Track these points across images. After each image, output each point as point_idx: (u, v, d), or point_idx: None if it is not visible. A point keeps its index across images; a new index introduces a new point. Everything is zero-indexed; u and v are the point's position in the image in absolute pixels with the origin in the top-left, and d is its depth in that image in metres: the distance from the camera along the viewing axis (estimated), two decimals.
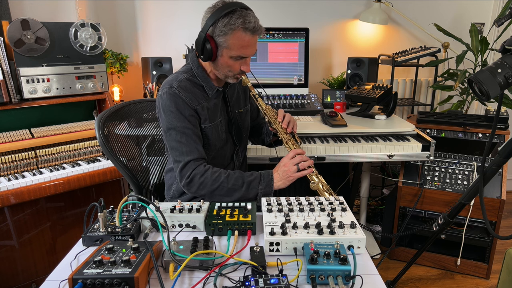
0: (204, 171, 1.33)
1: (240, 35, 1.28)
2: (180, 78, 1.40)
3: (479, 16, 2.97)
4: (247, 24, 1.26)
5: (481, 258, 2.28)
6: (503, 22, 1.18)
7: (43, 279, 0.89)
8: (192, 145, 1.35)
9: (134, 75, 2.75)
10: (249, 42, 1.31)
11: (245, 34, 1.28)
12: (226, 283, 0.86)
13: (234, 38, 1.28)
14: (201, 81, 1.42)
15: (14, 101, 1.87)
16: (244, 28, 1.27)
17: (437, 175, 2.28)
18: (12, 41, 1.83)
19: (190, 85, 1.40)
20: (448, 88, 2.60)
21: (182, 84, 1.38)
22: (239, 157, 1.59)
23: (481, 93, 1.13)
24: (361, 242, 0.97)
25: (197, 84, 1.42)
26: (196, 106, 1.38)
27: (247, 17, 1.27)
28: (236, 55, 1.32)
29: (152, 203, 1.03)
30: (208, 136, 1.43)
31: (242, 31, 1.27)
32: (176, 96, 1.35)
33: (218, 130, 1.46)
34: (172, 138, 1.36)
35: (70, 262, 0.96)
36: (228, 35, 1.28)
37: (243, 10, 1.28)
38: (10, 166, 1.86)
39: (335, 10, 2.88)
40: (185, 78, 1.40)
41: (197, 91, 1.40)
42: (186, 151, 1.35)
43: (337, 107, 2.52)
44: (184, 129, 1.35)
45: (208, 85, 1.43)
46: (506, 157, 1.42)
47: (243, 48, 1.31)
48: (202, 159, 1.37)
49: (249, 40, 1.30)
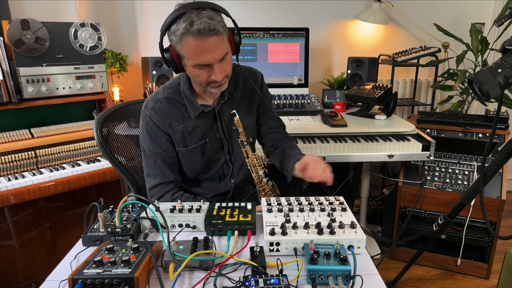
0: (171, 201, 1.32)
1: (188, 41, 1.10)
2: (158, 97, 1.31)
3: (479, 16, 2.97)
4: (193, 26, 1.07)
5: (481, 258, 2.28)
6: (503, 22, 1.18)
7: (43, 279, 0.89)
8: (159, 169, 1.34)
9: (134, 75, 2.75)
10: (203, 47, 1.10)
11: (194, 39, 1.09)
12: (226, 283, 0.85)
13: (185, 46, 1.12)
14: (184, 100, 1.31)
15: (14, 101, 1.87)
16: (191, 33, 1.08)
17: (437, 175, 2.28)
18: (12, 41, 1.83)
19: (168, 106, 1.30)
20: (448, 88, 2.60)
21: (157, 105, 1.30)
22: (235, 177, 1.45)
23: (481, 93, 1.13)
24: (361, 242, 0.97)
25: (178, 103, 1.31)
26: (169, 130, 1.31)
27: (193, 19, 1.07)
28: (195, 63, 1.15)
29: (152, 203, 1.03)
30: (185, 158, 1.37)
31: (190, 36, 1.09)
32: (148, 118, 1.31)
33: (198, 152, 1.36)
34: (143, 157, 1.37)
35: (70, 262, 0.96)
36: (180, 44, 1.12)
37: (192, 11, 1.08)
38: (10, 166, 1.86)
39: (335, 10, 2.87)
40: (164, 98, 1.31)
41: (175, 112, 1.30)
42: (153, 173, 1.35)
43: (337, 107, 2.52)
44: (151, 153, 1.34)
45: (192, 105, 1.30)
46: (506, 157, 1.42)
47: (198, 55, 1.12)
48: (171, 183, 1.36)
49: (202, 44, 1.10)
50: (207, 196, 1.47)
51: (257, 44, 2.49)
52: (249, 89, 1.41)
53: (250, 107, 1.43)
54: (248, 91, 1.42)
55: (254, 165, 1.38)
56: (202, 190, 1.47)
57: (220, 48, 1.14)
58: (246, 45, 2.49)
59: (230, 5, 2.74)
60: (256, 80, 1.42)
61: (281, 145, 1.52)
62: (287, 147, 1.50)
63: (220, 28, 1.12)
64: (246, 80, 1.40)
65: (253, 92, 1.42)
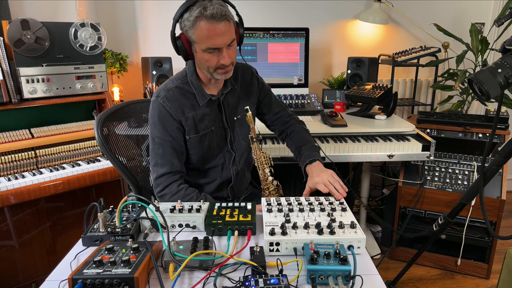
0: (176, 191, 1.34)
1: (202, 25, 1.20)
2: (169, 86, 1.38)
3: (479, 16, 2.97)
4: (207, 11, 1.18)
5: (481, 258, 2.28)
6: (503, 22, 1.18)
7: (43, 279, 0.89)
8: (167, 157, 1.36)
9: (134, 75, 2.75)
10: (215, 31, 1.21)
11: (207, 23, 1.20)
12: (226, 283, 0.85)
13: (198, 30, 1.22)
14: (193, 88, 1.39)
15: (14, 101, 1.87)
16: (204, 17, 1.19)
17: (437, 175, 2.28)
18: (12, 41, 1.83)
19: (178, 94, 1.37)
20: (448, 88, 2.60)
21: (169, 94, 1.36)
22: (236, 164, 1.52)
23: (481, 93, 1.13)
24: (361, 242, 0.97)
25: (188, 92, 1.39)
26: (181, 117, 1.37)
27: (206, 5, 1.19)
28: (206, 47, 1.24)
29: (152, 203, 1.03)
30: (194, 146, 1.42)
31: (204, 20, 1.20)
32: (161, 106, 1.36)
33: (206, 139, 1.43)
34: (151, 147, 1.39)
35: (70, 262, 0.96)
36: (193, 28, 1.22)
37: (205, 0, 1.20)
38: (10, 166, 1.86)
39: (335, 10, 2.87)
40: (175, 86, 1.38)
41: (185, 100, 1.38)
42: (161, 163, 1.37)
43: (337, 107, 2.52)
44: (162, 141, 1.36)
45: (200, 93, 1.39)
46: (506, 157, 1.42)
47: (210, 38, 1.22)
48: (177, 173, 1.37)
49: (214, 28, 1.21)
50: (211, 186, 1.51)
51: (257, 44, 2.49)
52: (246, 81, 1.51)
53: (249, 98, 1.52)
54: (246, 84, 1.51)
55: (261, 162, 1.42)
56: (206, 179, 1.51)
57: (229, 33, 1.25)
58: (246, 45, 2.49)
59: None
60: (252, 72, 1.54)
61: (290, 131, 1.60)
62: (296, 137, 1.56)
63: (230, 14, 1.24)
64: (244, 73, 1.51)
65: (250, 85, 1.52)
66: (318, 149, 1.51)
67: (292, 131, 1.59)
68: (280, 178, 1.50)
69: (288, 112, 1.62)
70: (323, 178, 1.29)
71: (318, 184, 1.29)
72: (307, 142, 1.52)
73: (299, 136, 1.56)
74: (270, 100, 1.59)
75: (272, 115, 1.61)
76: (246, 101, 1.51)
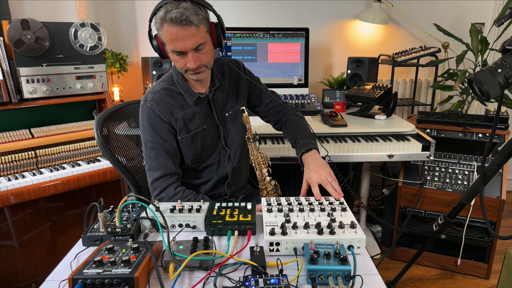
0: (173, 194, 1.34)
1: (165, 28, 1.20)
2: (155, 89, 1.38)
3: (479, 16, 2.97)
4: (169, 14, 1.16)
5: (481, 258, 2.28)
6: (503, 22, 1.18)
7: (43, 279, 0.89)
8: (161, 160, 1.36)
9: (134, 75, 2.75)
10: (176, 35, 1.18)
11: (170, 26, 1.18)
12: (226, 283, 0.85)
13: (164, 32, 1.21)
14: (180, 89, 1.38)
15: (14, 101, 1.87)
16: (165, 20, 1.18)
17: (437, 175, 2.28)
18: (12, 41, 1.83)
19: (166, 96, 1.37)
20: (448, 88, 2.60)
21: (156, 96, 1.36)
22: (231, 161, 1.51)
23: (481, 93, 1.13)
24: (361, 242, 0.97)
25: (175, 93, 1.38)
26: (170, 118, 1.36)
27: (170, 8, 1.16)
28: (171, 50, 1.25)
29: (152, 203, 1.03)
30: (187, 146, 1.41)
31: (166, 23, 1.18)
32: (149, 109, 1.35)
33: (199, 138, 1.42)
34: (144, 152, 1.39)
35: (70, 262, 0.96)
36: (161, 30, 1.22)
37: (172, 1, 1.18)
38: (10, 166, 1.86)
39: (335, 10, 2.88)
40: (161, 89, 1.38)
41: (173, 101, 1.37)
42: (155, 166, 1.36)
43: (337, 107, 2.52)
44: (154, 144, 1.36)
45: (188, 92, 1.38)
46: (506, 157, 1.42)
47: (172, 41, 1.21)
48: (173, 175, 1.37)
49: (176, 32, 1.18)
50: (208, 185, 1.50)
51: (257, 44, 2.49)
52: (234, 76, 1.51)
53: (238, 93, 1.52)
54: (234, 79, 1.51)
55: (258, 162, 1.41)
56: (203, 179, 1.51)
57: (193, 38, 1.21)
58: (246, 45, 2.49)
59: (230, 5, 2.75)
60: (239, 66, 1.54)
61: (284, 120, 1.60)
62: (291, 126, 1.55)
63: (194, 19, 1.19)
64: (231, 68, 1.51)
65: (239, 79, 1.52)
66: (313, 136, 1.49)
67: (287, 120, 1.58)
68: (280, 178, 1.49)
69: (279, 102, 1.61)
70: (321, 176, 1.27)
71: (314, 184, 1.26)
72: (302, 130, 1.50)
73: (294, 124, 1.55)
74: (260, 91, 1.58)
75: (264, 106, 1.60)
76: (236, 96, 1.51)
